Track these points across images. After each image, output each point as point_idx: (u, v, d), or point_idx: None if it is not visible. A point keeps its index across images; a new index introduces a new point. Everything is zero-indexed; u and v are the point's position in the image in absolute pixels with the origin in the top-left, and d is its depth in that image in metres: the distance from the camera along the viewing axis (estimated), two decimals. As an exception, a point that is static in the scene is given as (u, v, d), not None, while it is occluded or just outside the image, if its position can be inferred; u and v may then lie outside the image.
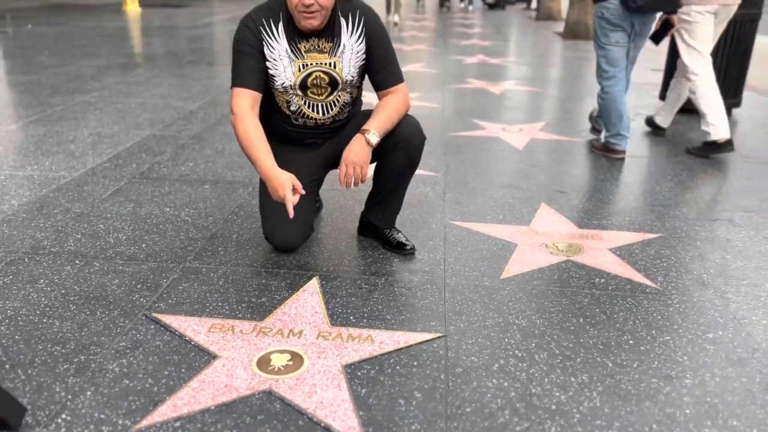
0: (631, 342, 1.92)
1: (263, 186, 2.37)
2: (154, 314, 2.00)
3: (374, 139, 2.21)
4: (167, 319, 1.98)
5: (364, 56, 2.30)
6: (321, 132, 2.41)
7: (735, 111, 5.06)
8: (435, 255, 2.47)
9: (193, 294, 2.13)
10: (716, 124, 3.76)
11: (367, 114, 2.42)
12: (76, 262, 2.34)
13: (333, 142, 2.45)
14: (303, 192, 2.11)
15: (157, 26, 10.48)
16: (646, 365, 1.81)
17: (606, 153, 3.81)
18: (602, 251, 2.54)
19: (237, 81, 2.21)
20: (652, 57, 8.12)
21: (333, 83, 2.29)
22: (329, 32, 2.24)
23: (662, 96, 5.17)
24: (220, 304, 2.08)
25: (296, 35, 2.22)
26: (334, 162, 2.49)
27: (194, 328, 1.93)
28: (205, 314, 2.01)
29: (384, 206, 2.48)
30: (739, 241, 2.65)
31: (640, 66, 7.28)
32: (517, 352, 1.86)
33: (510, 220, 2.82)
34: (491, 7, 16.09)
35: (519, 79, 6.33)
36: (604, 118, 3.78)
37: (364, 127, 2.22)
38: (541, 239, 2.63)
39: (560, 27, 11.62)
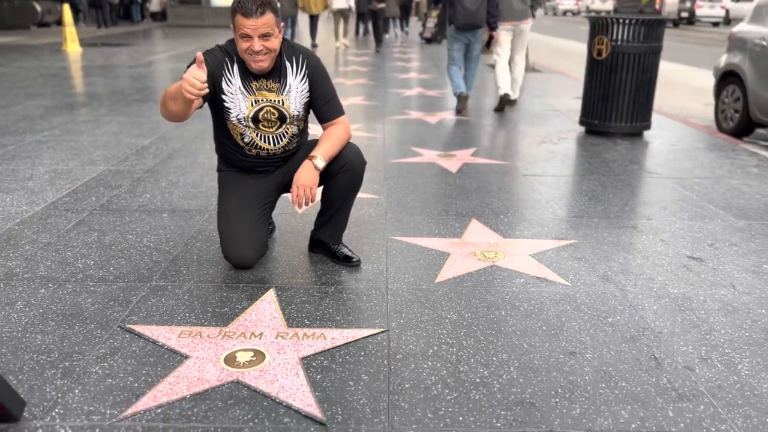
0: (543, 328, 2.27)
1: (221, 208, 2.65)
2: (128, 325, 2.24)
3: (321, 163, 2.52)
4: (140, 328, 2.22)
5: (308, 93, 2.63)
6: (273, 161, 2.71)
7: (646, 133, 5.61)
8: (378, 266, 2.78)
9: (162, 307, 2.38)
10: (502, 86, 6.68)
11: (314, 143, 2.74)
12: (50, 285, 2.55)
13: (284, 169, 2.75)
14: (203, 61, 2.21)
15: (99, 65, 10.60)
16: (554, 345, 2.16)
17: (460, 105, 6.51)
18: (522, 256, 2.90)
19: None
20: (575, 86, 8.76)
21: (281, 117, 2.60)
22: (277, 74, 2.57)
23: (581, 122, 5.69)
24: (187, 314, 2.33)
25: (249, 75, 2.54)
26: (285, 187, 2.79)
27: (166, 335, 2.18)
28: (175, 323, 2.27)
29: (331, 224, 2.79)
30: (640, 244, 3.07)
31: (563, 94, 7.87)
32: (448, 339, 2.18)
33: (444, 233, 3.17)
34: (428, 41, 16.78)
35: (453, 110, 6.78)
36: (452, 81, 6.57)
37: (312, 153, 2.54)
38: (470, 248, 2.99)
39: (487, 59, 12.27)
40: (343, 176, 2.65)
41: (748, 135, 6.08)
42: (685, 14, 28.09)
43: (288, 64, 2.58)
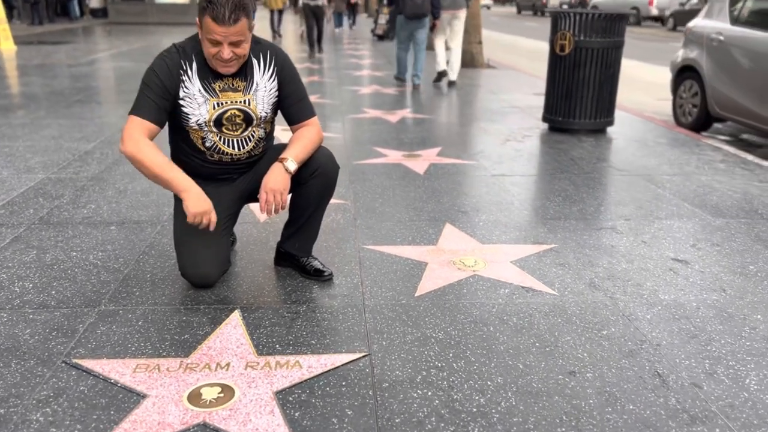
0: (537, 345, 2.10)
1: (178, 219, 2.39)
2: (74, 360, 1.97)
3: (292, 166, 2.30)
4: (89, 363, 1.95)
5: (276, 93, 2.40)
6: (236, 167, 2.46)
7: (609, 129, 5.55)
8: (352, 279, 2.57)
9: (113, 337, 2.11)
10: (440, 63, 8.12)
11: (281, 148, 2.51)
12: (-19, 314, 2.25)
13: (248, 176, 2.51)
14: (213, 228, 2.26)
15: (37, 65, 10.01)
16: (551, 364, 1.99)
17: (398, 82, 8.23)
18: (504, 264, 2.74)
19: (139, 111, 2.22)
20: (530, 81, 8.71)
21: (248, 119, 2.36)
22: (242, 72, 2.32)
23: (545, 118, 5.59)
24: (142, 344, 2.07)
25: (210, 75, 2.28)
26: (249, 196, 2.55)
27: (118, 370, 1.92)
28: (129, 355, 2.00)
29: (301, 235, 2.56)
30: (622, 247, 2.95)
31: (520, 90, 7.79)
32: (437, 362, 1.99)
33: (419, 241, 2.98)
34: (380, 38, 16.58)
35: (412, 107, 6.61)
36: (397, 65, 8.16)
37: (282, 156, 2.31)
38: (448, 256, 2.80)
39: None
40: (316, 182, 2.42)
41: (707, 129, 6.10)
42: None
43: (255, 61, 2.34)
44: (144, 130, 2.23)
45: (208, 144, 2.38)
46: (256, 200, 2.60)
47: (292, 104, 2.42)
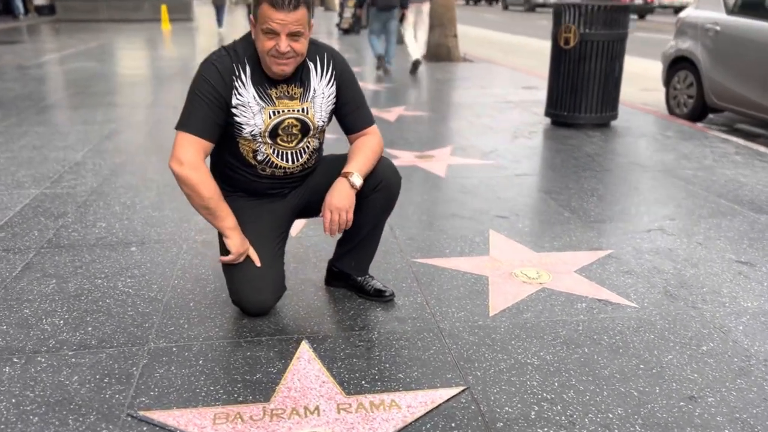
0: (642, 366, 1.95)
1: (225, 245, 2.16)
2: (141, 412, 1.73)
3: (358, 181, 2.09)
4: (159, 416, 1.71)
5: (334, 99, 2.18)
6: (289, 181, 2.24)
7: (614, 123, 5.47)
8: (414, 298, 2.38)
9: (176, 380, 1.87)
10: (412, 54, 8.72)
11: (335, 159, 2.30)
12: (14, 360, 1.97)
13: (300, 190, 2.29)
14: (259, 264, 2.14)
15: (-7, 66, 9.43)
16: (666, 389, 1.84)
17: (378, 62, 8.70)
18: (568, 274, 2.59)
19: (190, 126, 2.00)
20: (514, 75, 8.62)
21: (304, 129, 2.14)
22: (298, 77, 2.10)
23: (548, 113, 5.48)
24: (212, 388, 1.84)
25: (264, 81, 2.05)
26: (301, 212, 2.33)
27: (196, 422, 1.69)
28: (201, 403, 1.77)
29: (358, 252, 2.35)
30: (681, 250, 2.83)
31: (506, 84, 7.68)
32: (545, 394, 1.82)
33: (468, 251, 2.80)
34: (345, 32, 16.29)
35: (407, 105, 6.42)
36: (373, 48, 8.72)
37: (346, 169, 2.10)
38: (507, 268, 2.64)
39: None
40: (378, 196, 2.22)
41: (702, 120, 6.10)
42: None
43: (311, 65, 2.12)
44: (198, 150, 2.00)
45: (260, 157, 2.15)
46: (309, 216, 2.38)
47: (351, 111, 2.21)
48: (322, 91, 2.14)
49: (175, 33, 16.49)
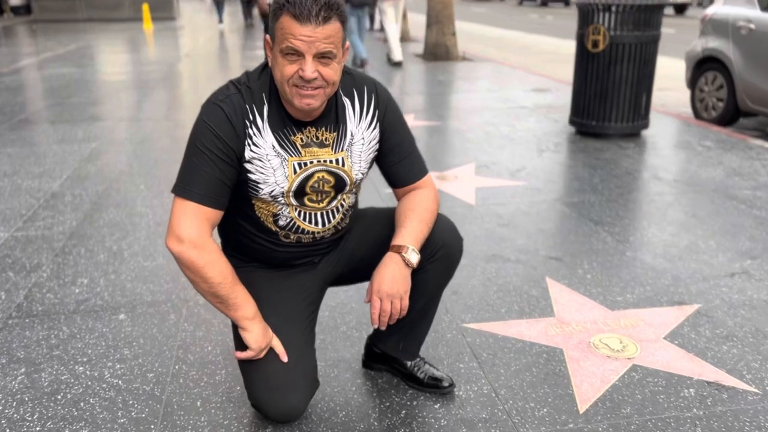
0: (798, 494, 1.50)
1: (239, 334, 1.66)
2: None
3: (414, 258, 1.61)
4: None
5: (377, 145, 1.69)
6: (319, 248, 1.75)
7: (644, 133, 5.02)
8: (479, 386, 1.90)
9: None
10: (393, 49, 9.04)
11: (377, 217, 1.81)
12: None
13: (332, 257, 1.80)
14: (286, 360, 1.63)
15: (-37, 74, 8.81)
16: None
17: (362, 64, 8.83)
18: (658, 343, 2.12)
19: (191, 192, 1.51)
20: (520, 76, 8.16)
21: (339, 185, 1.65)
22: (331, 118, 1.61)
23: (572, 122, 5.02)
24: None
25: (286, 124, 1.56)
26: (336, 280, 1.85)
27: None
28: None
29: (409, 332, 1.87)
30: (778, 302, 2.38)
31: (513, 86, 7.21)
32: None
33: (529, 310, 2.33)
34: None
35: (415, 112, 5.93)
36: (356, 50, 8.82)
37: (397, 241, 1.61)
38: (582, 335, 2.17)
39: (414, 48, 11.53)
40: (435, 267, 1.74)
41: (732, 124, 5.67)
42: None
43: (347, 102, 1.63)
44: (202, 222, 1.51)
45: (282, 222, 1.66)
46: (343, 284, 1.90)
47: (399, 160, 1.72)
48: (361, 135, 1.65)
49: (159, 33, 15.85)
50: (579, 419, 1.75)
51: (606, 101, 4.74)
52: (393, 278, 1.58)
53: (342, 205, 1.70)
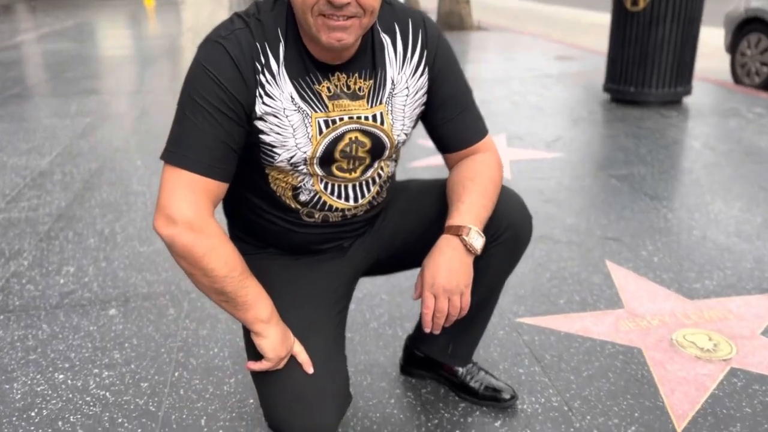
0: None
1: (251, 342, 1.30)
2: None
3: (478, 242, 1.24)
4: None
5: (425, 97, 1.31)
6: (350, 229, 1.38)
7: (686, 100, 4.60)
8: (546, 397, 1.55)
9: None
10: None
11: (423, 189, 1.45)
12: None
13: (367, 241, 1.43)
14: (311, 371, 1.24)
15: (-43, 50, 8.44)
16: None
17: None
18: (756, 340, 1.76)
19: (186, 158, 1.13)
20: (544, 45, 7.72)
21: (376, 150, 1.28)
22: (366, 61, 1.23)
23: (607, 88, 4.60)
24: None
25: (310, 70, 1.19)
26: (370, 269, 1.49)
27: None
28: None
29: (461, 332, 1.51)
30: None
31: (534, 54, 6.80)
32: None
33: (592, 301, 1.97)
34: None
35: (432, 82, 5.52)
36: None
37: (454, 221, 1.25)
38: (660, 331, 1.81)
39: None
40: (500, 251, 1.38)
41: (776, 91, 5.25)
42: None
43: (387, 39, 1.25)
44: (202, 197, 1.13)
45: (304, 197, 1.29)
46: (379, 273, 1.55)
47: (453, 117, 1.34)
48: (405, 84, 1.27)
49: (160, 9, 15.40)
50: (679, 442, 1.40)
51: (646, 65, 4.32)
52: (450, 269, 1.22)
53: (379, 175, 1.33)
